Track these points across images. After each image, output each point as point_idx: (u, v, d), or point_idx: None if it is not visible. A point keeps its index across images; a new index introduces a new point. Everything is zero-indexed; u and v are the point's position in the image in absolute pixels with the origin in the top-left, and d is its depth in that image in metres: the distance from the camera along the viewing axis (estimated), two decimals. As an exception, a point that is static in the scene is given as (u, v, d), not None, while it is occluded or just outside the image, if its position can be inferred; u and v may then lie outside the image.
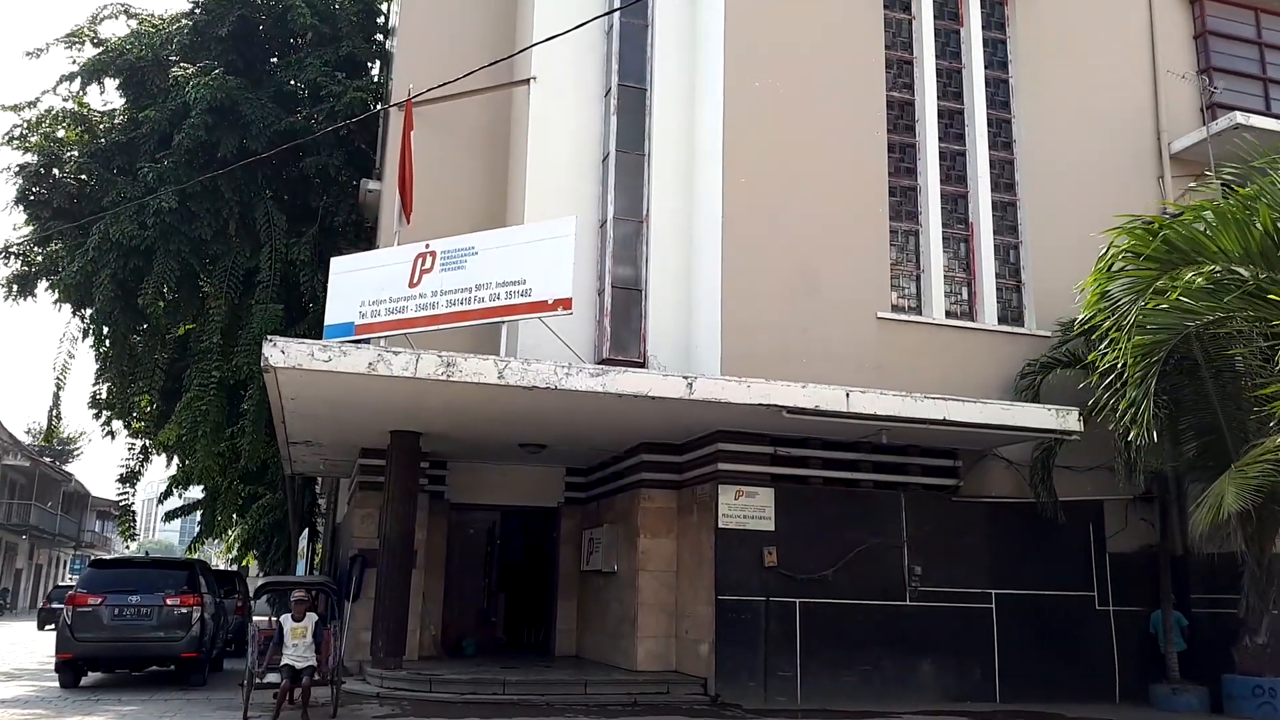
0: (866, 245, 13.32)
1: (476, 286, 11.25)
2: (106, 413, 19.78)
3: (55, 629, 14.50)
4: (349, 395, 10.82)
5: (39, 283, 18.02)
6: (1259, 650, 11.47)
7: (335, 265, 12.24)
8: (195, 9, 17.84)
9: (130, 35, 17.33)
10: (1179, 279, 5.81)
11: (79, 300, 17.40)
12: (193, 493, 24.25)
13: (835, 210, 13.22)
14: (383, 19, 19.87)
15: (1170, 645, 12.45)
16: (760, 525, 11.90)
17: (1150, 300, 5.96)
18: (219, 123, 16.10)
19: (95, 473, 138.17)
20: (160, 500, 24.16)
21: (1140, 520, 13.28)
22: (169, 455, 20.61)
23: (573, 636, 15.07)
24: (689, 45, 14.18)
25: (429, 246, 11.57)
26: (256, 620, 11.09)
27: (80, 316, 18.24)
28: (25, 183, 17.05)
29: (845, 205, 13.28)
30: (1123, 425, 7.29)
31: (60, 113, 17.30)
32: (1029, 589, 12.72)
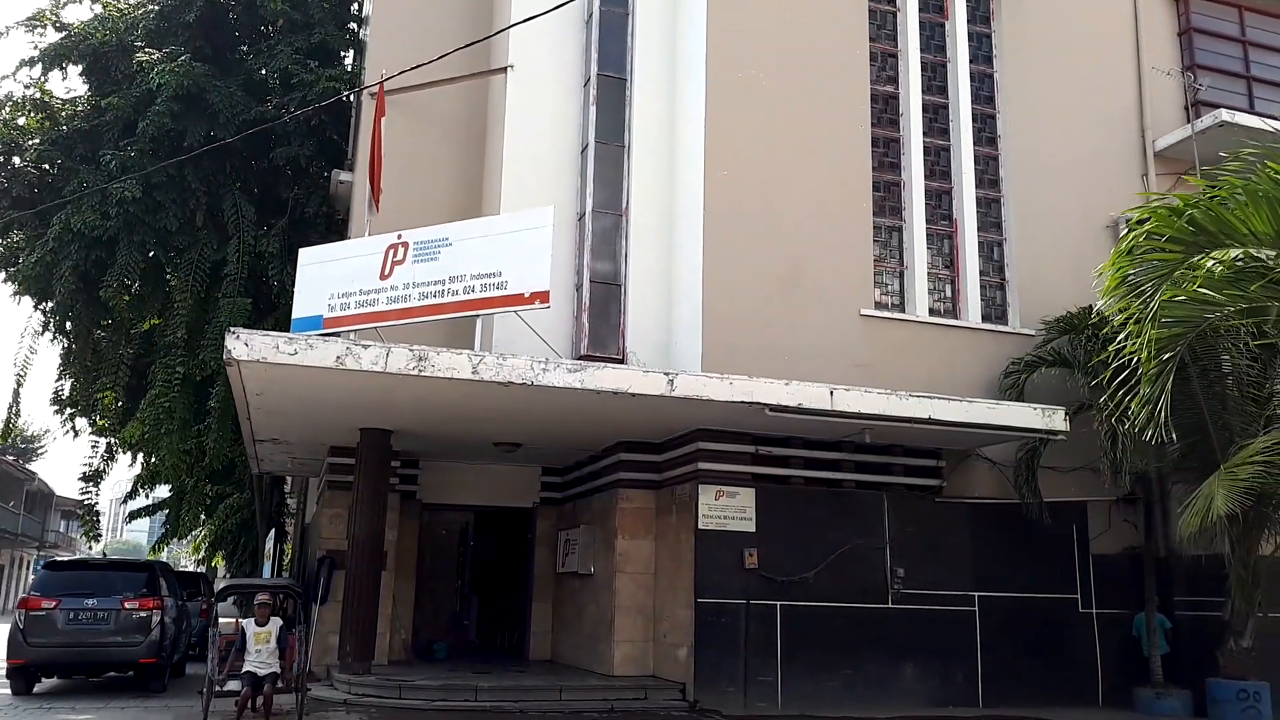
0: (850, 241, 13.08)
1: (450, 279, 10.86)
2: (70, 410, 19.22)
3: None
4: (317, 390, 10.45)
5: (-2, 274, 17.45)
6: (1244, 654, 11.32)
7: (303, 256, 11.83)
8: (162, -7, 17.31)
9: (94, 19, 16.75)
10: (1200, 266, 5.54)
11: (40, 293, 16.85)
12: (160, 492, 23.71)
13: (819, 204, 12.96)
14: (356, 6, 19.43)
15: (1154, 648, 12.32)
16: (741, 526, 11.63)
17: (1168, 290, 5.68)
18: (186, 111, 15.59)
19: (60, 472, 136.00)
20: (125, 500, 23.58)
21: (1124, 522, 13.15)
22: (134, 453, 20.13)
23: (547, 640, 14.75)
24: (670, 35, 13.87)
25: (401, 237, 11.19)
26: (223, 623, 10.72)
27: (42, 310, 17.69)
28: (-17, 171, 16.51)
29: (829, 199, 13.04)
30: (1137, 424, 6.99)
31: (21, 100, 16.73)
32: (1012, 591, 12.54)
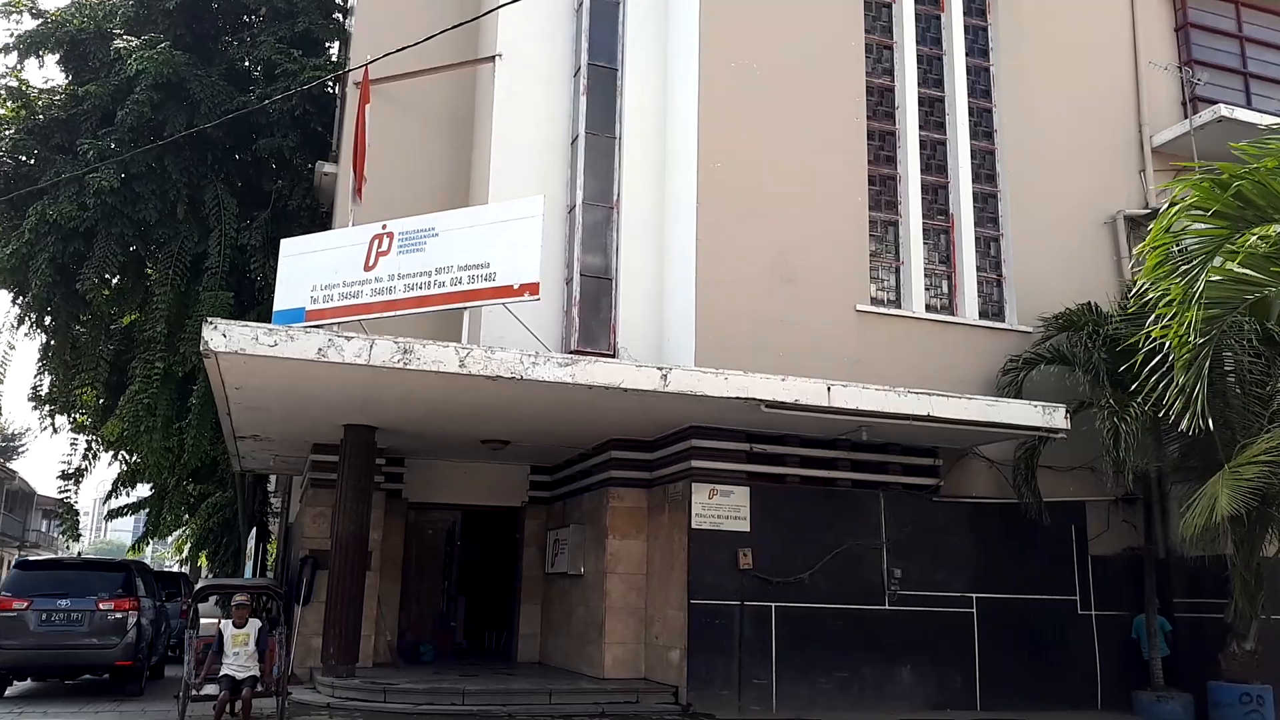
0: (846, 235, 12.83)
1: (437, 270, 10.55)
2: (49, 406, 18.79)
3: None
4: (298, 385, 10.12)
5: (-28, 268, 16.97)
6: (1247, 657, 11.12)
7: (285, 247, 11.49)
8: (141, -22, 16.90)
9: (71, 5, 16.34)
10: (1241, 244, 5.29)
11: (16, 285, 16.43)
12: (141, 490, 23.28)
13: (814, 198, 12.70)
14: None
15: (1155, 651, 12.11)
16: (735, 526, 11.35)
17: (1212, 269, 5.42)
18: (165, 100, 15.23)
19: (41, 470, 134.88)
20: (106, 499, 23.17)
21: (1123, 522, 12.96)
22: (114, 451, 19.72)
23: (536, 642, 14.44)
24: (662, 23, 13.58)
25: (386, 227, 10.87)
26: (205, 624, 10.39)
27: (19, 304, 17.27)
28: (-43, 162, 16.06)
29: (824, 192, 12.77)
30: (1172, 413, 6.72)
31: (-3, 90, 16.33)
32: (1010, 592, 12.30)
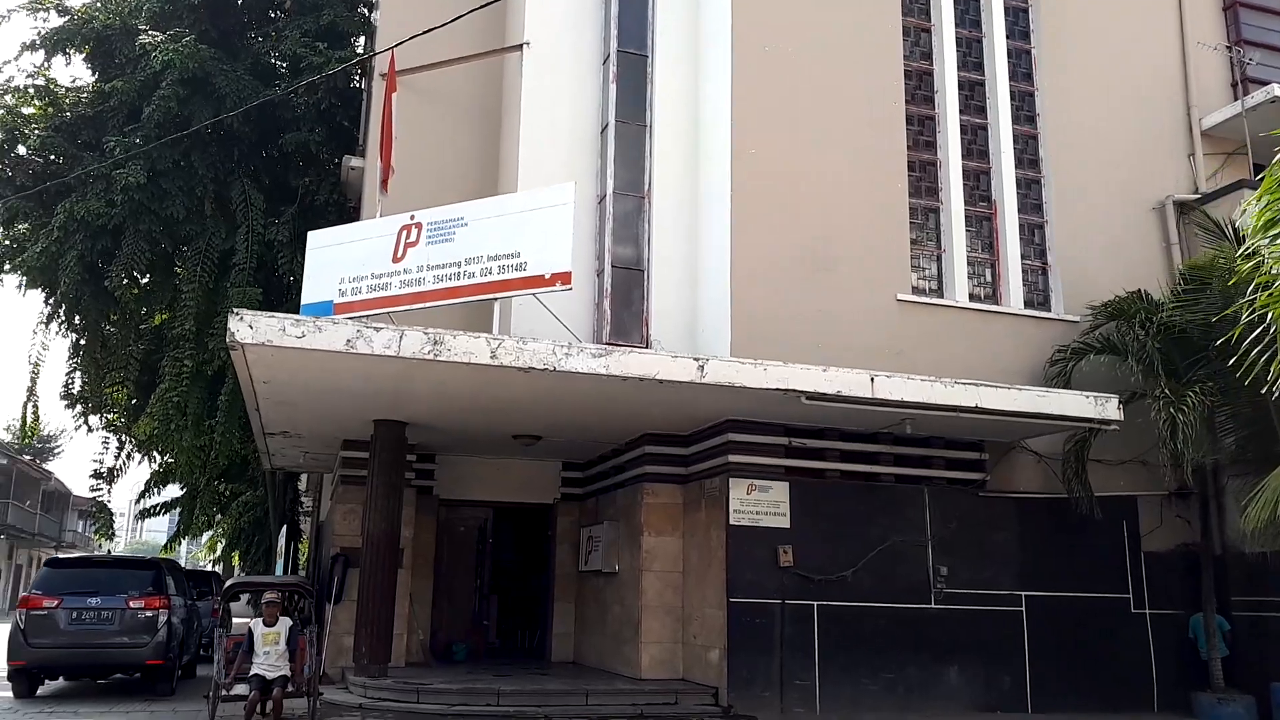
0: (885, 222, 12.44)
1: (466, 261, 10.28)
2: (80, 405, 18.78)
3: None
4: (327, 378, 9.90)
5: (3, 266, 16.96)
6: (1312, 656, 10.66)
7: (313, 239, 11.28)
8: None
9: (96, 2, 16.31)
10: None
11: (47, 284, 16.40)
12: (173, 490, 23.28)
13: (851, 184, 12.34)
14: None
15: (1213, 650, 11.62)
16: (774, 522, 11.01)
17: None
18: (191, 95, 15.13)
19: (77, 471, 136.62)
20: (139, 498, 23.17)
21: (1176, 517, 12.48)
22: (146, 451, 19.68)
23: (570, 641, 14.17)
24: (693, 8, 13.26)
25: (414, 218, 10.62)
26: (236, 624, 10.21)
27: (50, 303, 17.25)
28: (-14, 160, 16.04)
29: (862, 178, 12.40)
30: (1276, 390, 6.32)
31: (24, 88, 16.25)
32: (1060, 590, 11.86)
